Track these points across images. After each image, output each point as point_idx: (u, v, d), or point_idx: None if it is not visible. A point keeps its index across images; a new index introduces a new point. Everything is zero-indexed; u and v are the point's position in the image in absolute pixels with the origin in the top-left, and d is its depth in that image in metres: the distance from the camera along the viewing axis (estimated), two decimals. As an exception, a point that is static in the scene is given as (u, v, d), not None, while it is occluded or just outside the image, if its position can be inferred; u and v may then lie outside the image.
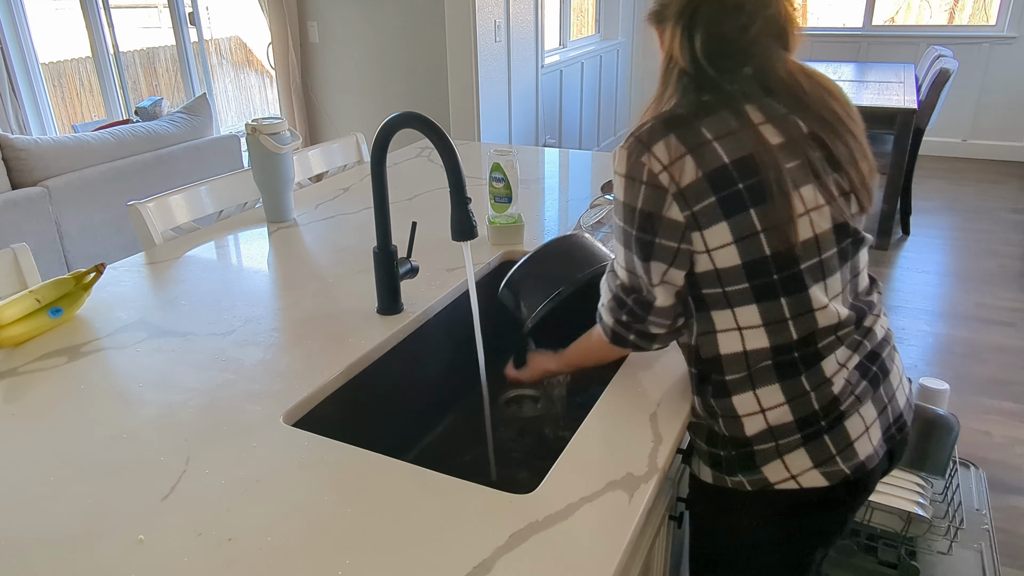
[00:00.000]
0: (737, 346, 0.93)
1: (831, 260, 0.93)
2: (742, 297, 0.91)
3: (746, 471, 0.96)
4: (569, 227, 1.66)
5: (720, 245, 0.88)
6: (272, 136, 1.61)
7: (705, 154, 0.86)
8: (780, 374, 0.92)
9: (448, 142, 1.06)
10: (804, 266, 0.90)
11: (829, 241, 0.92)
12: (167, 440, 0.94)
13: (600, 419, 0.97)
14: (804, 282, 0.91)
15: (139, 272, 1.47)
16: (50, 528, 0.79)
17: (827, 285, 0.93)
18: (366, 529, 0.78)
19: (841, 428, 0.94)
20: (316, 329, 1.22)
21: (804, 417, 0.93)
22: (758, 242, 0.88)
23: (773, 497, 0.96)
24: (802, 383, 0.93)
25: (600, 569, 0.72)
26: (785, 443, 0.93)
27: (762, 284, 0.90)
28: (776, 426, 0.93)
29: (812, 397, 0.93)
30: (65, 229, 2.85)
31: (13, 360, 1.15)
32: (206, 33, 4.99)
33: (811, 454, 0.93)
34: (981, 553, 1.74)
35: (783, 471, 0.94)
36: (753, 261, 0.88)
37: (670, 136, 0.87)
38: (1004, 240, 4.07)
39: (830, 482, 0.94)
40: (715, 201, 0.86)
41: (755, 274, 0.89)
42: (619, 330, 0.98)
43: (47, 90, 4.49)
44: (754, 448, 0.95)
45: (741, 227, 0.87)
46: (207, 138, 3.47)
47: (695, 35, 0.89)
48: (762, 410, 0.93)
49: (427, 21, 4.10)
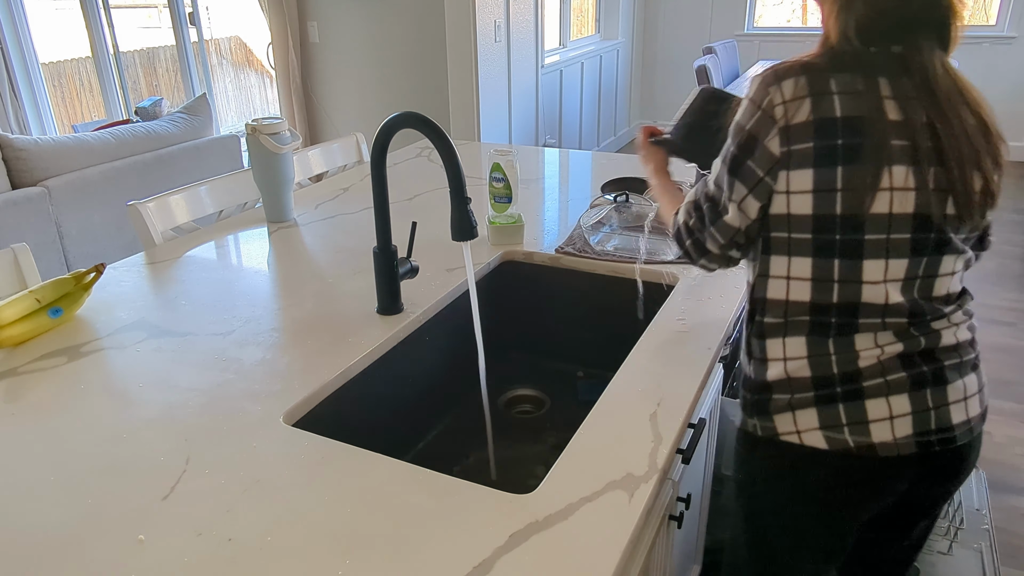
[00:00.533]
0: (782, 293, 0.98)
1: (900, 244, 0.93)
2: (802, 247, 0.95)
3: (761, 416, 1.02)
4: (569, 227, 1.66)
5: (800, 190, 0.92)
6: (272, 136, 1.61)
7: (823, 102, 0.90)
8: (811, 330, 0.97)
9: (448, 142, 1.06)
10: (868, 237, 0.92)
11: (904, 225, 0.92)
12: (167, 440, 0.94)
13: (600, 419, 0.97)
14: (862, 252, 0.93)
15: (139, 272, 1.47)
16: (50, 528, 0.79)
17: (888, 265, 0.94)
18: (366, 529, 0.78)
19: (859, 404, 0.96)
20: (316, 329, 1.22)
21: (820, 377, 0.97)
22: (833, 199, 0.91)
23: (777, 447, 1.01)
24: (827, 345, 0.97)
25: (600, 569, 0.72)
26: (799, 398, 0.98)
27: (824, 240, 0.93)
28: (794, 378, 0.98)
29: (832, 360, 0.96)
30: (65, 229, 2.85)
31: (13, 360, 1.15)
32: (206, 33, 4.99)
33: (820, 416, 0.97)
34: (981, 553, 1.74)
35: (791, 424, 0.99)
36: (823, 216, 0.92)
37: (801, 77, 0.92)
38: (1004, 240, 4.07)
39: (830, 447, 0.96)
40: (811, 147, 0.90)
41: (821, 228, 0.93)
42: (682, 231, 1.07)
43: (47, 90, 4.49)
44: (772, 395, 1.00)
45: (823, 179, 0.91)
46: (207, 138, 3.47)
47: (852, 11, 0.93)
48: (785, 358, 0.99)
49: (427, 21, 4.10)
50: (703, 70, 4.21)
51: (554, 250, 1.54)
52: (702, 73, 4.20)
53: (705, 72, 4.20)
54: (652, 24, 6.26)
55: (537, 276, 1.55)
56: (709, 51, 4.72)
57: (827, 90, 0.90)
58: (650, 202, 1.67)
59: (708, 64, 4.26)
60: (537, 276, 1.55)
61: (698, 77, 4.22)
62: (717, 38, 5.98)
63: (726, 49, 5.10)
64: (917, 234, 0.93)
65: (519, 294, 1.58)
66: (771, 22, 6.12)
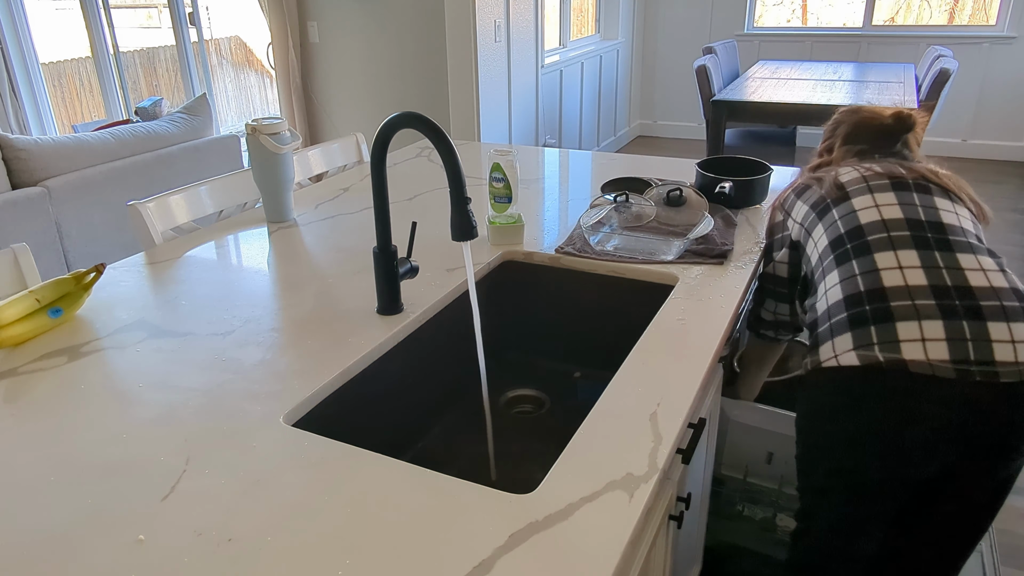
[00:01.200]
0: (813, 250, 1.30)
1: (901, 239, 1.17)
2: (830, 264, 1.25)
3: (811, 352, 1.18)
4: (569, 227, 1.66)
5: (819, 236, 1.31)
6: (272, 136, 1.61)
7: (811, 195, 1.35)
8: (838, 261, 1.21)
9: (448, 142, 1.06)
10: (871, 237, 1.18)
11: (899, 227, 1.19)
12: (167, 440, 0.94)
13: (600, 419, 0.97)
14: (871, 248, 1.18)
15: (139, 272, 1.47)
16: (50, 528, 0.79)
17: (897, 255, 1.15)
18: (366, 529, 0.78)
19: (890, 325, 1.07)
20: (316, 329, 1.22)
21: (850, 296, 1.14)
22: (837, 227, 1.26)
23: (820, 375, 1.14)
24: (852, 267, 1.17)
25: (600, 569, 0.72)
26: (837, 322, 1.14)
27: (840, 253, 1.24)
28: (832, 304, 1.17)
29: (859, 280, 1.14)
30: (65, 229, 2.85)
31: (13, 360, 1.15)
32: (206, 33, 4.99)
33: (855, 338, 1.10)
34: (981, 553, 1.74)
35: (830, 350, 1.13)
36: (834, 239, 1.25)
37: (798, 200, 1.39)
38: (1004, 240, 4.07)
39: (862, 363, 1.08)
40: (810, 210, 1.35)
41: (836, 246, 1.24)
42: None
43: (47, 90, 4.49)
44: (817, 331, 1.18)
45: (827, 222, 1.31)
46: (207, 138, 3.47)
47: None
48: (825, 292, 1.20)
49: (427, 21, 4.10)
50: (703, 70, 4.20)
51: (554, 250, 1.54)
52: (702, 73, 4.20)
53: (705, 72, 4.20)
54: (652, 24, 6.25)
55: (537, 276, 1.55)
56: (709, 51, 4.72)
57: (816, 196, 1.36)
58: (650, 202, 1.67)
59: (708, 64, 4.26)
60: (537, 276, 1.55)
61: (698, 77, 4.22)
62: (717, 38, 5.98)
63: (726, 49, 5.09)
64: (914, 235, 1.19)
65: (519, 294, 1.58)
66: (771, 22, 6.12)
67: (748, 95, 4.14)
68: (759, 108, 3.99)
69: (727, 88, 4.46)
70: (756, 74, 4.88)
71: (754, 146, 4.44)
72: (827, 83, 4.44)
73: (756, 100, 4.02)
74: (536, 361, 1.62)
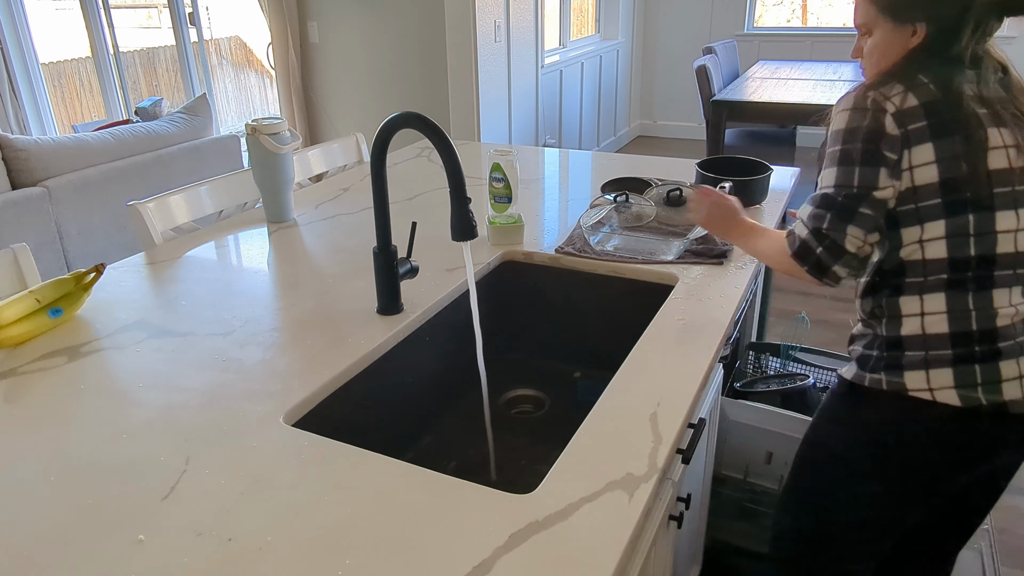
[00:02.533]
0: (918, 255, 1.04)
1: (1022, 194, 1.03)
2: (933, 212, 1.02)
3: (889, 371, 1.06)
4: (569, 227, 1.66)
5: (923, 163, 1.00)
6: (272, 136, 1.61)
7: (922, 90, 1.01)
8: (949, 286, 1.03)
9: (448, 142, 1.06)
10: (996, 191, 1.01)
11: (1021, 177, 1.02)
12: (167, 440, 0.94)
13: (600, 419, 0.97)
14: (992, 203, 1.01)
15: (139, 272, 1.47)
16: (50, 528, 0.79)
17: (1019, 215, 1.02)
18: (366, 529, 0.78)
19: (994, 365, 1.01)
20: (316, 329, 1.22)
21: (960, 333, 1.02)
22: (957, 164, 1.00)
23: (903, 401, 1.04)
24: (967, 300, 1.02)
25: (600, 569, 0.72)
26: (935, 356, 1.02)
27: (953, 200, 1.00)
28: (931, 335, 1.03)
29: (973, 316, 1.02)
30: (65, 229, 2.85)
31: (13, 360, 1.15)
32: (206, 33, 4.98)
33: (956, 375, 1.01)
34: (981, 553, 1.74)
35: (923, 381, 1.03)
36: (949, 179, 1.00)
37: (893, 81, 1.04)
38: (1004, 240, 4.05)
39: (963, 404, 1.00)
40: (926, 124, 1.00)
41: (949, 191, 1.00)
42: (811, 240, 1.05)
43: (47, 90, 4.49)
44: (904, 352, 1.05)
45: (944, 149, 0.99)
46: (207, 138, 3.47)
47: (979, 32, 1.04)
48: (922, 313, 1.04)
49: (427, 21, 4.10)
50: (703, 70, 4.20)
51: (554, 250, 1.54)
52: (702, 73, 4.20)
53: (705, 72, 4.20)
54: (652, 24, 6.25)
55: (537, 276, 1.55)
56: (709, 51, 4.72)
57: (919, 81, 1.01)
58: (650, 202, 1.67)
59: (708, 64, 4.26)
60: (537, 276, 1.55)
61: (698, 77, 4.22)
62: (717, 38, 5.97)
63: (726, 49, 5.10)
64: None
65: (519, 294, 1.58)
66: (771, 22, 6.12)
67: (748, 95, 4.14)
68: (759, 108, 3.99)
69: (727, 88, 4.46)
70: (756, 74, 4.88)
71: (754, 146, 4.44)
72: (827, 83, 4.44)
73: (756, 100, 4.02)
74: (536, 361, 1.62)
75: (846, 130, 1.03)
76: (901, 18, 1.06)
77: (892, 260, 1.06)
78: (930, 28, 1.04)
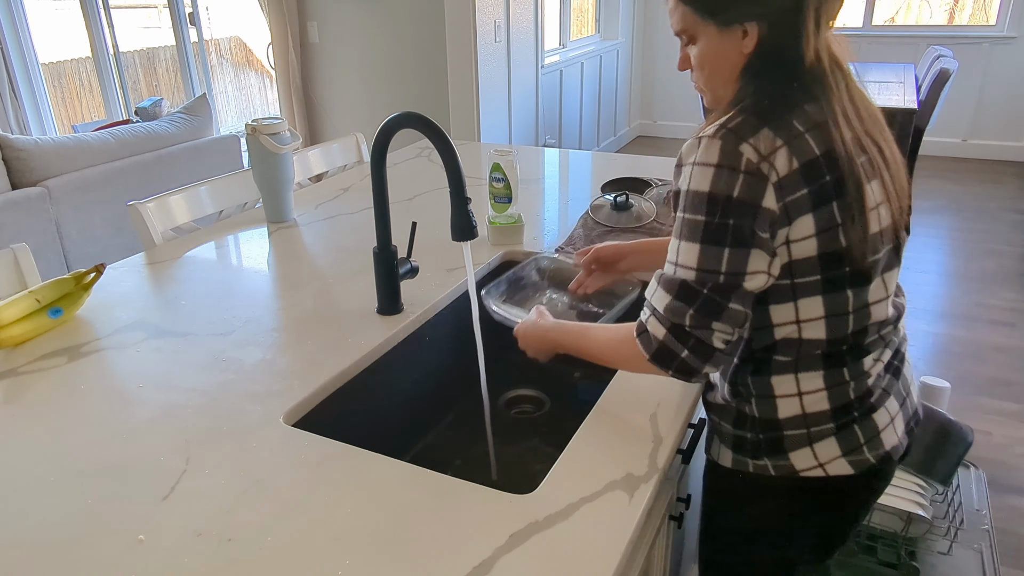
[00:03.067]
0: (794, 335, 0.93)
1: (889, 256, 0.95)
2: (810, 289, 0.90)
3: (773, 455, 0.96)
4: (569, 227, 1.66)
5: (801, 237, 0.88)
6: (272, 136, 1.61)
7: (800, 146, 0.86)
8: (826, 363, 0.93)
9: (448, 142, 1.06)
10: (872, 259, 0.92)
11: (889, 237, 0.94)
12: (167, 440, 0.94)
13: (600, 419, 0.97)
14: (870, 275, 0.92)
15: (139, 272, 1.47)
16: (50, 528, 0.79)
17: (885, 280, 0.95)
18: (366, 529, 0.78)
19: (870, 420, 0.96)
20: (316, 329, 1.22)
21: (840, 406, 0.94)
22: (836, 234, 0.88)
23: (796, 483, 0.97)
24: (843, 373, 0.94)
25: (600, 569, 0.72)
26: (817, 431, 0.95)
27: (833, 276, 0.90)
28: (811, 413, 0.94)
29: (850, 387, 0.94)
30: (65, 229, 2.85)
31: (13, 360, 1.15)
32: (206, 33, 4.99)
33: (841, 443, 0.95)
34: (981, 553, 1.74)
35: (811, 459, 0.95)
36: (829, 253, 0.88)
37: (764, 128, 0.86)
38: (1004, 240, 4.07)
39: (856, 470, 0.96)
40: (806, 193, 0.86)
41: (829, 266, 0.89)
42: (670, 342, 0.89)
43: (47, 90, 4.49)
44: (784, 432, 0.95)
45: (824, 219, 0.87)
46: (207, 138, 3.47)
47: (820, 26, 0.89)
48: (799, 393, 0.94)
49: (427, 21, 4.10)
50: (703, 70, 4.20)
51: (554, 250, 1.54)
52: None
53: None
54: (652, 24, 6.25)
55: (537, 276, 1.54)
56: (709, 51, 4.72)
57: (796, 132, 0.86)
58: (651, 202, 1.67)
59: (708, 64, 4.25)
60: (537, 276, 1.54)
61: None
62: (717, 38, 5.96)
63: (726, 49, 5.09)
64: (894, 242, 0.96)
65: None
66: (771, 22, 6.11)
67: (748, 95, 4.13)
68: (759, 108, 3.98)
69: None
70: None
71: (754, 146, 4.42)
72: (827, 83, 4.43)
73: (756, 100, 4.01)
74: (536, 361, 1.62)
75: (711, 196, 0.85)
76: (725, 19, 0.90)
77: (763, 340, 0.94)
78: (762, 27, 0.88)
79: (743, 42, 0.90)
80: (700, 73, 0.96)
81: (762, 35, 0.89)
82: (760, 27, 0.89)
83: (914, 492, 1.71)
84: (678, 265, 0.89)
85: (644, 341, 0.91)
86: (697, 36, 0.93)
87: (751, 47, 0.90)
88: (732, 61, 0.92)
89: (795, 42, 0.88)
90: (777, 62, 0.90)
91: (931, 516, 1.69)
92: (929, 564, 1.69)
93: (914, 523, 1.69)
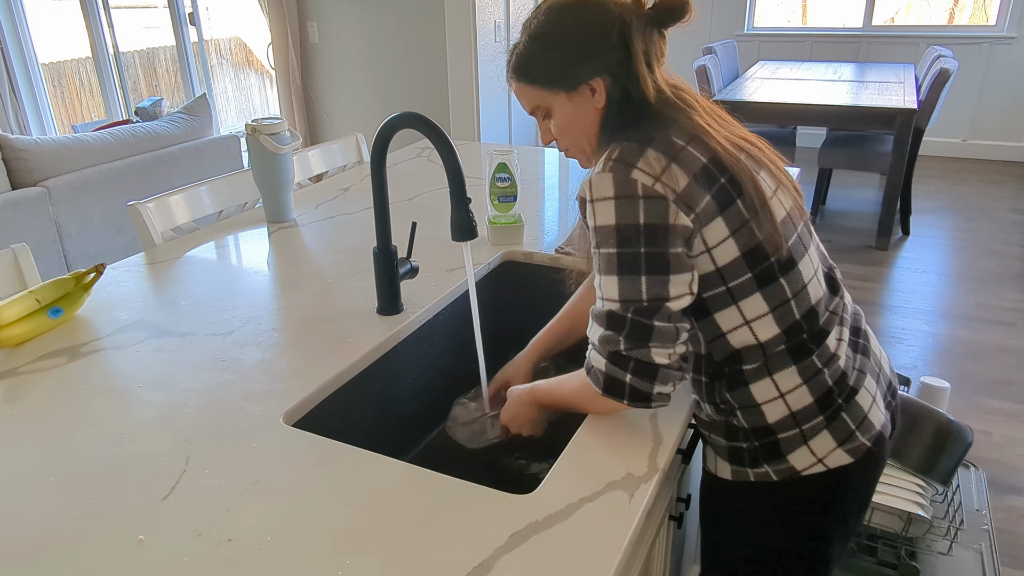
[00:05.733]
0: (750, 339, 0.94)
1: (803, 234, 0.99)
2: (746, 288, 0.93)
3: (772, 461, 0.97)
4: (569, 227, 1.66)
5: (719, 241, 0.91)
6: (272, 136, 1.61)
7: (686, 158, 0.90)
8: (795, 357, 0.95)
9: (448, 142, 1.06)
10: (790, 243, 0.95)
11: (796, 219, 0.98)
12: (167, 440, 0.94)
13: (600, 419, 0.97)
14: (794, 259, 0.95)
15: (139, 272, 1.47)
16: (50, 528, 0.79)
17: (810, 257, 0.99)
18: (366, 529, 0.78)
19: (854, 403, 0.97)
20: (316, 329, 1.22)
21: (822, 396, 0.96)
22: (750, 230, 0.91)
23: (800, 484, 0.98)
24: (815, 362, 0.95)
25: (600, 569, 0.72)
26: (809, 428, 0.96)
27: (762, 271, 0.93)
28: (798, 411, 0.95)
29: (825, 374, 0.96)
30: (65, 229, 2.85)
31: (13, 360, 1.15)
32: (206, 33, 4.99)
33: (834, 434, 0.96)
34: (981, 553, 1.74)
35: (809, 456, 0.96)
36: (751, 249, 0.92)
37: (648, 149, 0.90)
38: (1004, 240, 4.07)
39: (854, 458, 0.97)
40: (710, 199, 0.90)
41: (755, 262, 0.92)
42: (612, 369, 0.90)
43: (47, 90, 4.49)
44: (778, 436, 0.96)
45: (733, 219, 0.91)
46: (207, 138, 3.47)
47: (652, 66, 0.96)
48: (781, 395, 0.95)
49: (427, 21, 4.10)
50: (703, 70, 4.20)
51: (554, 250, 1.54)
52: (702, 73, 4.20)
53: (705, 72, 4.20)
54: (652, 24, 6.25)
55: (537, 276, 1.55)
56: (709, 51, 4.72)
57: (677, 147, 0.90)
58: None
59: (708, 64, 4.26)
60: (537, 276, 1.55)
61: (698, 77, 4.22)
62: (717, 38, 5.97)
63: (726, 49, 5.09)
64: (804, 222, 1.00)
65: (519, 294, 1.58)
66: (771, 22, 6.12)
67: (748, 95, 4.14)
68: (759, 108, 3.99)
69: (727, 88, 4.46)
70: (756, 74, 4.88)
71: (754, 146, 4.43)
72: (827, 83, 4.44)
73: (756, 100, 4.02)
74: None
75: (618, 228, 0.87)
76: (572, 84, 0.95)
77: (723, 350, 0.95)
78: (606, 79, 0.94)
79: (594, 99, 0.96)
80: (565, 139, 1.01)
81: (608, 87, 0.95)
82: (604, 80, 0.95)
83: (914, 492, 1.71)
84: (604, 299, 0.91)
85: (593, 377, 0.92)
86: (552, 108, 0.99)
87: (602, 101, 0.96)
88: (590, 118, 0.98)
89: (636, 84, 0.94)
90: (628, 106, 0.95)
91: (931, 516, 1.68)
92: (929, 564, 1.69)
93: (914, 523, 1.69)
